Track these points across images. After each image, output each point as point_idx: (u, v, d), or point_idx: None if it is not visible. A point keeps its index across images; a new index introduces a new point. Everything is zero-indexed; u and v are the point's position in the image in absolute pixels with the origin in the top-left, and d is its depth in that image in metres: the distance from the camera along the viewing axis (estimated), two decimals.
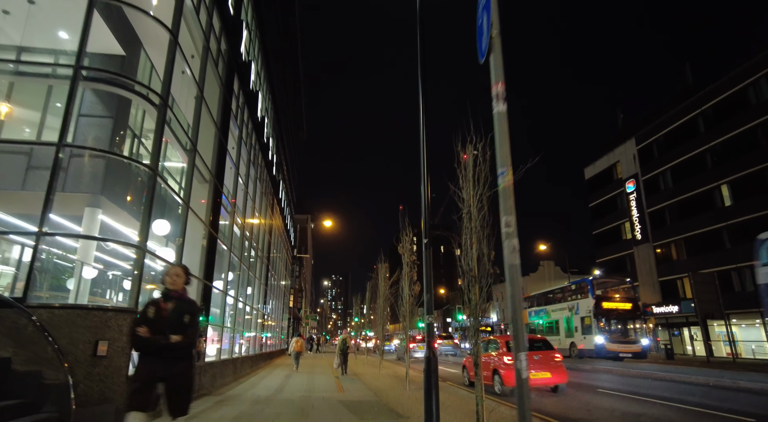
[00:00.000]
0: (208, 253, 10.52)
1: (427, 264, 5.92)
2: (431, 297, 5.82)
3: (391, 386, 12.46)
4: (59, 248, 10.07)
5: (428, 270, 5.90)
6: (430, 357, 5.51)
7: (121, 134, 9.77)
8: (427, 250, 5.94)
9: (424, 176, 6.37)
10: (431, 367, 5.46)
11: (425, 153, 6.38)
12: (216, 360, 12.10)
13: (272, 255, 26.08)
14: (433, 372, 5.45)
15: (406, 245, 12.74)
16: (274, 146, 23.50)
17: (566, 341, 27.69)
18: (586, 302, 25.97)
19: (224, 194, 12.70)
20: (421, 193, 6.47)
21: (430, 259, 5.92)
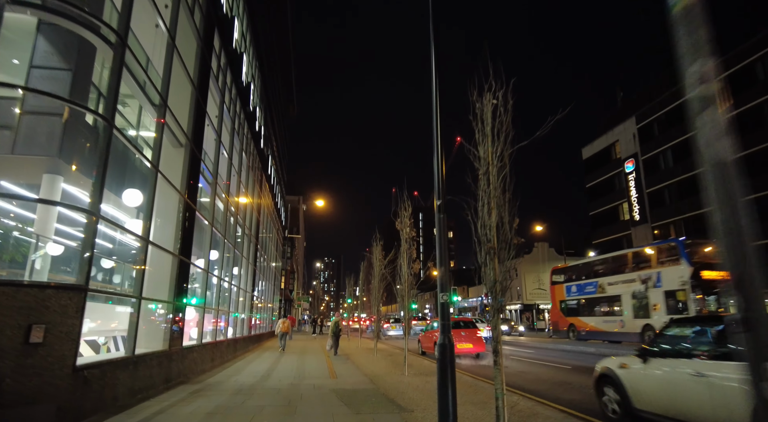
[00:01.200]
0: (185, 226, 9.37)
1: (441, 232, 4.87)
2: (447, 271, 4.81)
3: (388, 371, 11.55)
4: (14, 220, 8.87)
5: (443, 239, 4.86)
6: (445, 345, 4.49)
7: (83, 90, 8.49)
8: (442, 214, 4.87)
9: (436, 123, 5.26)
10: (447, 358, 4.44)
11: (437, 91, 5.24)
12: (197, 343, 11.08)
13: (261, 235, 24.95)
14: (449, 365, 4.44)
15: (405, 220, 11.69)
16: (261, 117, 22.13)
17: (635, 323, 20.94)
18: (674, 271, 19.48)
19: (204, 164, 11.49)
20: (433, 143, 5.36)
21: (444, 225, 4.86)
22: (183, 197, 9.30)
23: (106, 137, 5.89)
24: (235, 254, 16.55)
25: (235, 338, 16.90)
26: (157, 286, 8.61)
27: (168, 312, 8.74)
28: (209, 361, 12.11)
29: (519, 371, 12.57)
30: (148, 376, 7.49)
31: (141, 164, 8.28)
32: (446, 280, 4.80)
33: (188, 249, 9.73)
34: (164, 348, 8.44)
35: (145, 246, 7.44)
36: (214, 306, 13.43)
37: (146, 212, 7.59)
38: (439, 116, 5.28)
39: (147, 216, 7.55)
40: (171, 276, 8.88)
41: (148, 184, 7.75)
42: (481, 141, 5.75)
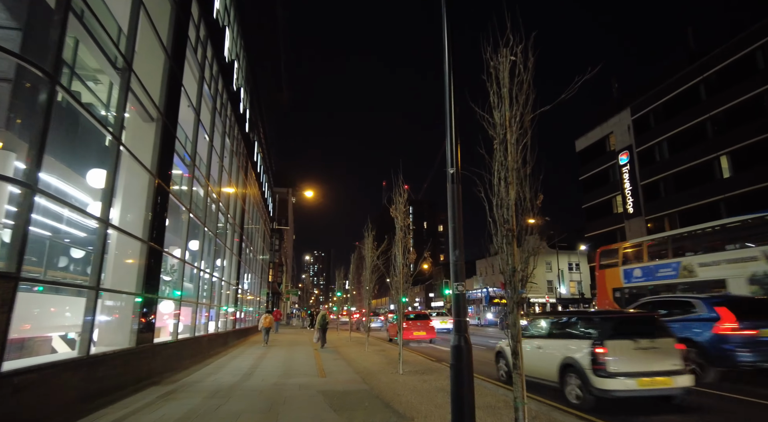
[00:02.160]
0: (157, 210, 8.39)
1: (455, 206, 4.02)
2: (461, 256, 3.95)
3: (381, 368, 10.72)
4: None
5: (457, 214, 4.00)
6: (460, 347, 3.63)
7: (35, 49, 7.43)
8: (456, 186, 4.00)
9: (449, 74, 4.36)
10: (463, 362, 3.58)
11: (449, 40, 4.34)
12: (172, 339, 10.13)
13: (247, 226, 23.92)
14: (465, 371, 3.58)
15: (399, 207, 10.82)
16: (247, 100, 21.02)
17: None
18: None
19: (181, 144, 10.48)
20: (445, 99, 4.47)
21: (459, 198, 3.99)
22: (154, 178, 8.31)
23: (48, 95, 4.90)
24: (218, 244, 15.56)
25: (218, 333, 15.97)
26: (122, 276, 7.64)
27: (136, 306, 7.78)
28: (188, 358, 11.18)
29: None
30: (110, 378, 6.55)
31: (104, 140, 7.27)
32: (461, 267, 3.97)
33: (161, 236, 8.75)
34: (131, 346, 7.50)
35: (105, 230, 6.46)
36: (193, 299, 12.47)
37: (106, 191, 6.60)
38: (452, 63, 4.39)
39: (107, 196, 6.56)
40: (139, 266, 7.90)
41: (108, 157, 6.75)
42: (496, 105, 4.88)
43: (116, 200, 7.94)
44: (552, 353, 7.70)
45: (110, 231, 6.90)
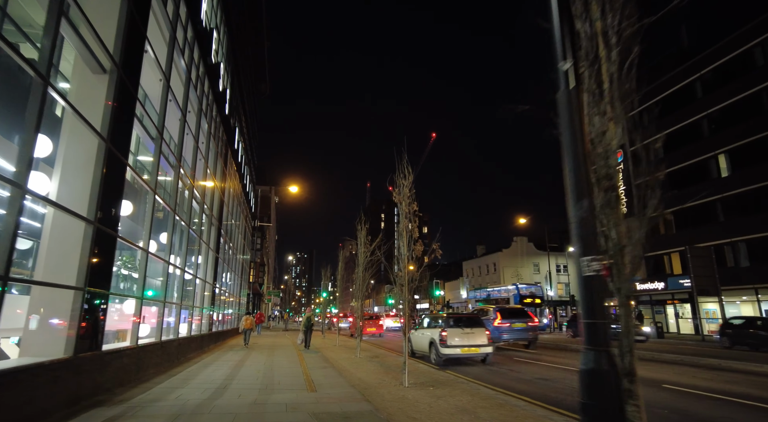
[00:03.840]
0: (108, 184, 6.68)
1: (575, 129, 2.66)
2: (590, 209, 2.58)
3: (379, 379, 9.15)
4: None
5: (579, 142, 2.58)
6: (601, 371, 2.11)
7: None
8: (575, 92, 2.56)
9: None
10: (606, 400, 2.04)
11: None
12: (129, 345, 8.38)
13: (227, 222, 22.09)
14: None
15: (404, 190, 9.31)
16: (228, 80, 19.24)
17: None
18: None
19: (145, 111, 8.75)
20: None
21: (582, 121, 2.53)
22: (105, 143, 6.61)
23: None
24: (192, 237, 13.79)
25: (191, 336, 14.18)
26: (54, 266, 5.93)
27: (76, 304, 6.06)
28: (151, 367, 9.43)
29: None
30: (26, 401, 4.84)
31: (38, 89, 5.56)
32: (589, 227, 2.54)
33: (113, 218, 7.04)
34: (66, 356, 5.78)
35: (18, 202, 4.74)
36: (160, 298, 10.70)
37: (22, 151, 4.89)
38: None
39: (22, 158, 4.85)
40: (81, 253, 6.19)
41: (30, 104, 5.04)
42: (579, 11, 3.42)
43: (54, 170, 6.23)
44: (427, 336, 13.50)
45: (30, 205, 5.19)
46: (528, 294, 36.93)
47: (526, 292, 37.25)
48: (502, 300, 39.00)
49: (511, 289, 38.99)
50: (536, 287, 39.11)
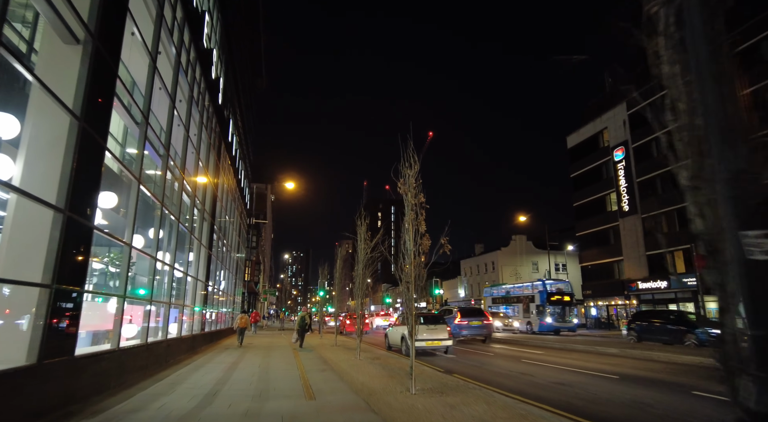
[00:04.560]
0: (82, 167, 5.94)
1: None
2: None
3: (384, 384, 8.44)
4: None
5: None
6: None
7: None
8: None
9: None
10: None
11: None
12: (110, 348, 7.64)
13: (221, 219, 21.34)
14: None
15: (410, 180, 8.61)
16: (221, 68, 18.47)
17: None
18: None
19: (126, 89, 8.00)
20: None
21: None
22: (78, 122, 5.86)
23: None
24: (182, 233, 13.05)
25: (182, 337, 13.44)
26: (15, 260, 5.19)
27: (43, 303, 5.32)
28: (136, 371, 8.69)
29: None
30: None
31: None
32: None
33: (88, 206, 6.30)
34: (29, 363, 5.04)
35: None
36: (146, 297, 9.96)
37: None
38: None
39: None
40: (49, 246, 5.45)
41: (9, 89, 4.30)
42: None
43: (18, 151, 5.49)
44: (399, 331, 15.76)
45: (9, 195, 4.46)
46: (555, 291, 32.02)
47: (554, 289, 32.41)
48: (524, 298, 34.00)
49: (536, 285, 33.72)
50: (565, 283, 33.61)
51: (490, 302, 40.20)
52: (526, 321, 32.63)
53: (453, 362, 10.14)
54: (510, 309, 36.25)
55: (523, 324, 32.99)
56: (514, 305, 35.81)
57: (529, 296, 33.54)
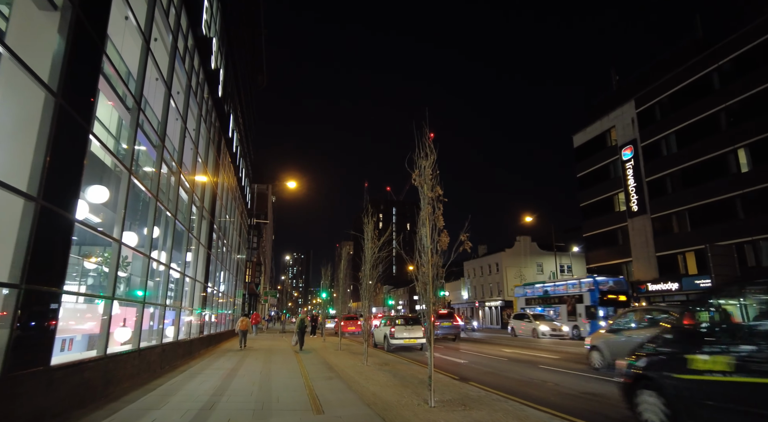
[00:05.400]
0: (59, 150, 5.21)
1: None
2: None
3: (397, 394, 7.67)
4: None
5: None
6: None
7: None
8: None
9: None
10: None
11: None
12: (95, 355, 6.89)
13: (221, 218, 20.60)
14: None
15: (426, 170, 7.87)
16: (221, 60, 17.76)
17: None
18: None
19: (114, 67, 7.26)
20: None
21: None
22: (56, 99, 5.13)
23: None
24: (179, 231, 12.32)
25: (178, 341, 12.69)
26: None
27: (7, 307, 4.57)
28: (125, 380, 7.94)
29: None
30: None
31: None
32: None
33: (67, 195, 5.56)
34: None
35: None
36: (138, 299, 9.21)
37: None
38: None
39: None
40: (18, 239, 4.71)
41: None
42: None
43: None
44: (383, 331, 18.55)
45: None
46: (608, 290, 27.45)
47: (607, 287, 27.70)
48: (569, 298, 29.36)
49: (585, 283, 28.50)
50: (619, 280, 29.22)
51: (522, 303, 35.87)
52: (572, 325, 28.37)
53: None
54: (550, 311, 31.43)
55: (569, 329, 28.46)
56: (554, 307, 31.13)
57: (575, 295, 28.94)
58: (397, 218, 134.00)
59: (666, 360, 5.03)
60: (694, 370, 4.46)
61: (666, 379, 4.83)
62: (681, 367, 4.65)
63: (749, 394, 3.90)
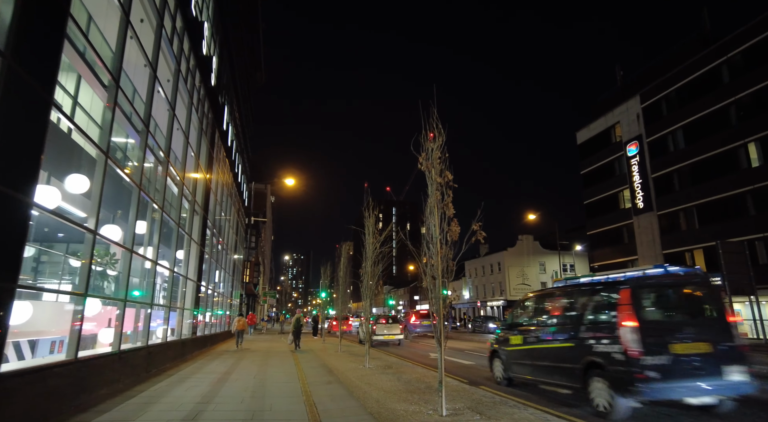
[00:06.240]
0: (10, 120, 4.43)
1: None
2: None
3: (404, 401, 6.90)
4: None
5: None
6: None
7: None
8: None
9: None
10: None
11: None
12: (63, 359, 6.10)
13: (216, 216, 19.84)
14: None
15: (434, 153, 7.12)
16: (215, 49, 16.98)
17: None
18: None
19: (83, 33, 6.49)
20: None
21: None
22: (4, 60, 4.35)
23: None
24: (167, 224, 11.56)
25: (167, 342, 11.93)
26: None
27: None
28: (101, 387, 7.16)
29: None
30: None
31: None
32: None
33: (23, 175, 4.78)
34: None
35: None
36: (119, 296, 8.42)
37: None
38: None
39: None
40: None
41: None
42: None
43: None
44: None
45: None
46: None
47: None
48: None
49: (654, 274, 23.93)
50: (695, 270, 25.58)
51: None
52: None
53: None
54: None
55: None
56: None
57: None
58: (397, 219, 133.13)
59: (501, 340, 9.40)
60: (511, 344, 8.80)
61: (501, 351, 9.26)
62: (506, 343, 9.07)
63: (530, 354, 8.19)
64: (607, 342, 6.27)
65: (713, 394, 5.96)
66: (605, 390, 6.11)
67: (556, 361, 7.34)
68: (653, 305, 6.55)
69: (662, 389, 5.66)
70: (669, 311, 6.65)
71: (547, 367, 7.57)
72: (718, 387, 5.85)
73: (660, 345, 5.81)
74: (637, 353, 5.80)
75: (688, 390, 5.77)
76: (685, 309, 6.67)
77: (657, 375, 5.66)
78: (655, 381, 5.64)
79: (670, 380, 5.68)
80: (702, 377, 5.78)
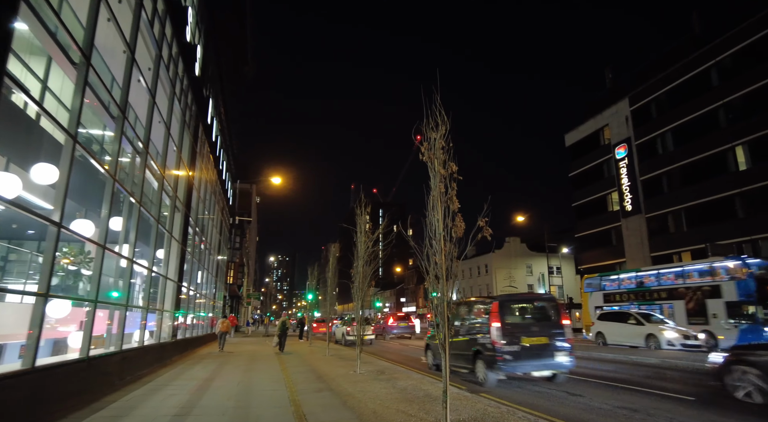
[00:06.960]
0: None
1: None
2: None
3: (404, 413, 6.31)
4: None
5: None
6: None
7: None
8: None
9: None
10: None
11: None
12: (19, 369, 5.37)
13: (200, 215, 19.03)
14: None
15: (436, 143, 6.54)
16: (200, 38, 16.21)
17: None
18: None
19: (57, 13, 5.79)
20: None
21: None
22: None
23: None
24: (145, 219, 10.78)
25: (144, 346, 11.13)
26: None
27: None
28: (64, 399, 6.41)
29: None
30: None
31: None
32: None
33: None
34: None
35: None
36: (88, 297, 7.67)
37: None
38: None
39: None
40: None
41: None
42: None
43: None
44: (341, 329, 25.25)
45: None
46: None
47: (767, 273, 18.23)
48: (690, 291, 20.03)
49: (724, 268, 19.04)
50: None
51: (599, 300, 25.91)
52: (702, 330, 18.62)
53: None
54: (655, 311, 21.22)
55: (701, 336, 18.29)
56: (656, 304, 21.76)
57: (703, 287, 19.52)
58: (384, 220, 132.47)
59: (431, 337, 11.98)
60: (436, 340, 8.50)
61: (432, 344, 12.07)
62: (434, 339, 9.31)
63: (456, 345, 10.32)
64: (484, 336, 9.50)
65: (548, 369, 9.44)
66: (482, 368, 9.37)
67: (460, 350, 10.19)
68: (513, 313, 9.81)
69: (515, 366, 9.01)
70: (523, 317, 9.92)
71: (456, 355, 10.13)
72: (551, 365, 9.32)
73: (515, 338, 9.06)
74: (499, 344, 9.02)
75: (532, 367, 9.32)
76: (535, 316, 9.91)
77: (511, 358, 8.95)
78: (510, 361, 8.94)
79: (520, 361, 9.01)
80: (541, 358, 9.22)
